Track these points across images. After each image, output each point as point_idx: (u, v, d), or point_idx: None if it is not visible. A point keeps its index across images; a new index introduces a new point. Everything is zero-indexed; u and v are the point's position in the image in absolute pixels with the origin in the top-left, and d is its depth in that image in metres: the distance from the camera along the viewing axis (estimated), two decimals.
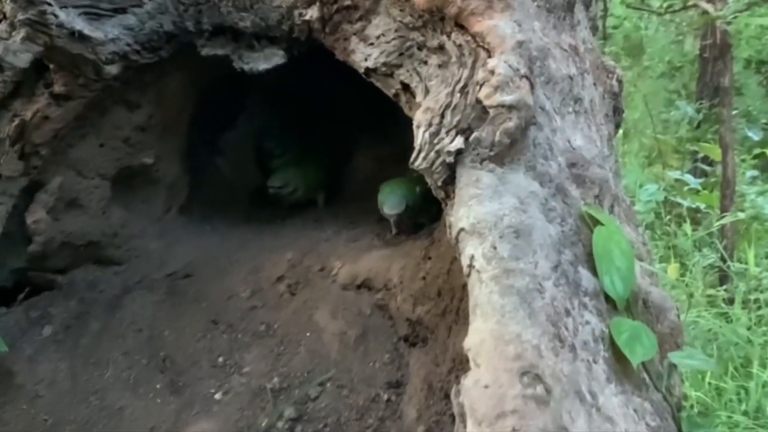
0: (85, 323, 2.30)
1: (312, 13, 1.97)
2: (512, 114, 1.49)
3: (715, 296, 4.32)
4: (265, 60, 2.16)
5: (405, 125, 2.79)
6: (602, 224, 1.55)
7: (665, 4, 5.34)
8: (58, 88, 2.08)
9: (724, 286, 4.46)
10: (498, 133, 1.49)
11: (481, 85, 1.52)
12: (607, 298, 1.46)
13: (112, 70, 2.11)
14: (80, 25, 1.98)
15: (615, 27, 10.12)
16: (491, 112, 1.50)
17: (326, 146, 3.41)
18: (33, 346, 2.21)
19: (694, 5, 4.76)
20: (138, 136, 2.44)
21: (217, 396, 2.08)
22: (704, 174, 5.82)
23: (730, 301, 4.25)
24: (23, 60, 1.99)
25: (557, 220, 1.50)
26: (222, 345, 2.24)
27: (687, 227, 4.91)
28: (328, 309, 2.27)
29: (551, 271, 1.36)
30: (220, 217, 3.01)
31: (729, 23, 4.60)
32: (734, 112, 5.53)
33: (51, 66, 2.06)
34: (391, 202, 2.38)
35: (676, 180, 5.25)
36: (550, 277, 1.35)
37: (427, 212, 2.41)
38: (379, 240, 2.54)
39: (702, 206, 5.01)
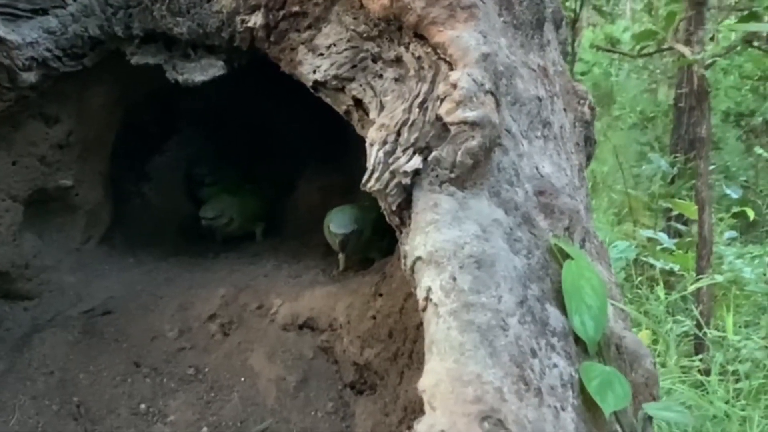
0: None
1: (256, 19, 1.95)
2: (475, 132, 1.48)
3: (690, 366, 4.35)
4: (202, 71, 2.13)
5: (353, 153, 2.80)
6: (572, 258, 1.54)
7: (638, 47, 5.40)
8: None
9: (700, 356, 4.48)
10: (459, 153, 1.48)
11: (442, 100, 1.51)
12: (577, 340, 1.45)
13: (29, 78, 2.06)
14: None
15: (583, 73, 10.26)
16: (452, 129, 1.49)
17: (266, 174, 3.39)
18: None
19: (670, 48, 4.83)
20: (56, 155, 2.39)
21: None
22: (678, 234, 5.86)
23: (707, 372, 4.28)
24: None
25: (523, 251, 1.49)
26: (144, 390, 2.18)
27: (660, 291, 4.93)
28: (264, 351, 2.23)
29: (516, 306, 1.35)
30: (146, 249, 2.96)
31: (707, 68, 4.66)
32: (711, 167, 5.60)
33: None
34: (338, 221, 2.35)
35: (649, 239, 5.29)
36: (515, 314, 1.33)
37: (377, 246, 2.40)
38: (324, 276, 2.52)
39: (676, 268, 5.05)
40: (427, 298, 1.33)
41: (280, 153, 3.42)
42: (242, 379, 2.18)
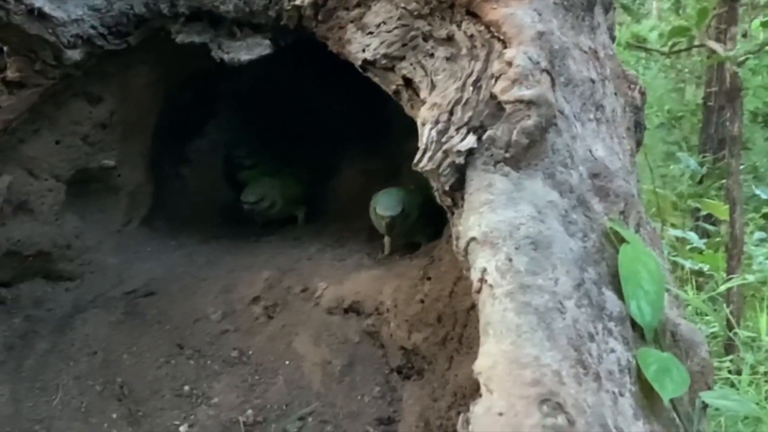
0: (31, 343, 2.23)
1: None
2: (531, 111, 1.45)
3: (720, 367, 4.29)
4: (248, 50, 2.12)
5: (395, 138, 2.78)
6: (627, 242, 1.52)
7: (669, 44, 5.31)
8: (11, 74, 2.04)
9: (730, 357, 4.43)
10: (515, 132, 1.45)
11: (497, 78, 1.49)
12: (633, 325, 1.43)
13: (74, 55, 2.07)
14: (40, 1, 1.94)
15: None
16: (507, 108, 1.46)
17: (307, 158, 3.38)
18: None
19: (702, 45, 4.73)
20: (98, 134, 2.40)
21: (182, 429, 2.02)
22: (707, 234, 5.79)
23: (737, 373, 4.23)
24: None
25: (579, 234, 1.47)
26: (188, 372, 2.18)
27: (690, 291, 4.87)
28: (309, 335, 2.22)
29: (573, 289, 1.33)
30: (186, 232, 2.97)
31: (740, 65, 4.57)
32: (741, 167, 5.54)
33: (4, 48, 2.02)
34: (385, 203, 2.33)
35: (677, 239, 5.22)
36: (572, 297, 1.31)
37: (423, 231, 2.38)
38: (369, 260, 2.51)
39: (705, 268, 4.99)
40: (482, 279, 1.31)
41: (319, 136, 3.41)
42: (287, 362, 2.17)
